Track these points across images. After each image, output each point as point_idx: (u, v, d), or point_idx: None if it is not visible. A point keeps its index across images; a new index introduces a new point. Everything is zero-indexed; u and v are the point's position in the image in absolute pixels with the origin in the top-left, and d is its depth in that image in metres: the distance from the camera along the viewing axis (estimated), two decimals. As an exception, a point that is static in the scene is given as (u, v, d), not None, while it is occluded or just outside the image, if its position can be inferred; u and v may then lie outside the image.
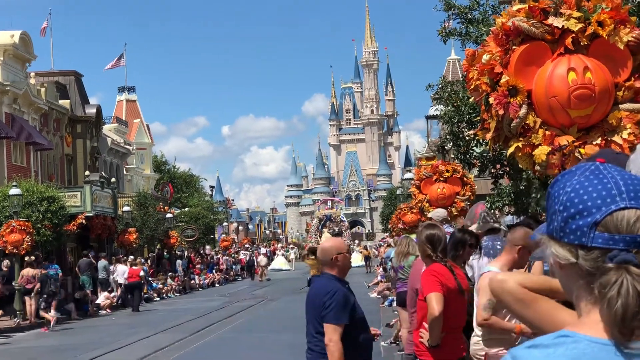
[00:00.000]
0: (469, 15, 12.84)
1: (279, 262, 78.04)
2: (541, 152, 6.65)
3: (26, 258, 33.07)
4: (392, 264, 17.69)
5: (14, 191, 34.48)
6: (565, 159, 6.56)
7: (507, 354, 1.98)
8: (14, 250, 33.25)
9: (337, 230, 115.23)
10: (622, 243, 1.95)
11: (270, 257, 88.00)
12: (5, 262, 33.68)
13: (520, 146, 6.74)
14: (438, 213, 14.04)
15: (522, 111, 6.62)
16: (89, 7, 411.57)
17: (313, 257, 28.36)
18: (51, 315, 31.22)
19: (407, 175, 42.05)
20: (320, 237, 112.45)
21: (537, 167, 6.72)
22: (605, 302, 1.93)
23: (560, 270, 2.06)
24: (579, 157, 6.46)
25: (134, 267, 40.25)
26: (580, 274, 2.00)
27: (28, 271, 32.41)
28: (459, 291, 7.97)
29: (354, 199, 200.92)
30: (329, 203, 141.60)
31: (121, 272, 40.76)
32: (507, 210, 13.31)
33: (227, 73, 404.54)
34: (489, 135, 6.90)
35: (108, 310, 37.60)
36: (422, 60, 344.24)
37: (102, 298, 38.31)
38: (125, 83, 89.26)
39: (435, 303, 7.66)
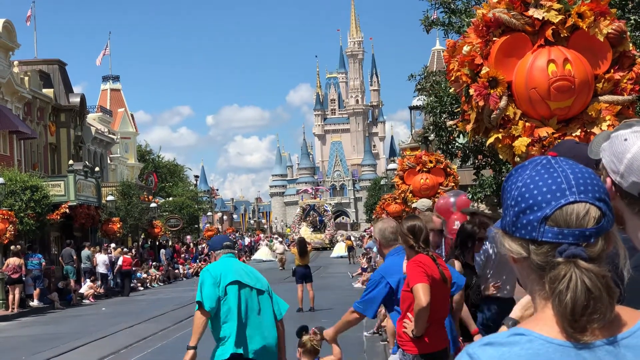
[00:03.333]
0: (452, 5, 12.87)
1: (263, 253, 77.84)
2: (521, 143, 6.68)
3: (12, 247, 33.00)
4: (375, 252, 17.74)
5: (-4, 180, 34.39)
6: (545, 150, 6.58)
7: (463, 351, 1.99)
8: (-3, 240, 33.17)
9: (319, 220, 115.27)
10: (571, 237, 1.96)
11: (254, 247, 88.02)
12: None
13: (500, 137, 6.77)
14: (423, 203, 14.04)
15: (502, 102, 6.65)
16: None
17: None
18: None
19: (391, 166, 42.08)
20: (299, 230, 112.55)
21: (517, 159, 6.75)
22: (555, 297, 1.94)
23: (515, 264, 2.08)
24: (559, 148, 6.48)
25: (126, 256, 42.16)
26: (532, 268, 2.01)
27: (14, 260, 32.34)
28: (442, 281, 7.98)
29: (338, 189, 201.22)
30: (311, 192, 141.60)
31: (102, 261, 40.96)
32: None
33: (211, 62, 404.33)
34: (469, 127, 6.93)
35: (91, 300, 37.55)
36: (408, 51, 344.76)
37: (86, 287, 38.26)
38: (110, 72, 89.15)
39: (422, 294, 7.65)
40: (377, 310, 8.20)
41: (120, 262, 42.11)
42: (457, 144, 14.18)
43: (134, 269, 44.57)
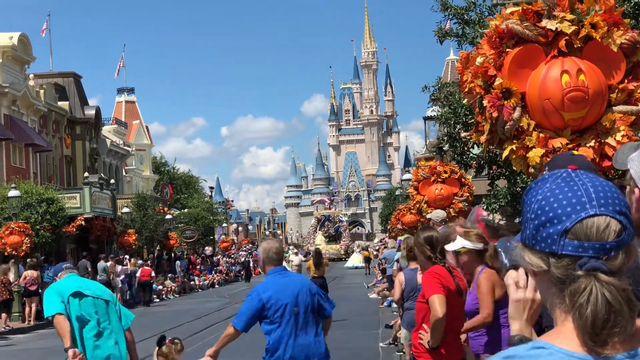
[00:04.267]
0: (465, 16, 12.86)
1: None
2: (535, 154, 6.66)
3: (28, 260, 33.12)
4: (399, 264, 17.73)
5: (12, 193, 34.49)
6: (559, 161, 6.57)
7: None
8: (13, 252, 33.26)
9: (334, 230, 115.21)
10: (591, 250, 1.96)
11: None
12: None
13: (515, 148, 6.75)
14: (437, 214, 14.05)
15: (516, 114, 6.64)
16: (87, 8, 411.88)
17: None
18: None
19: (406, 176, 42.03)
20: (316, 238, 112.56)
21: (531, 170, 6.73)
22: (576, 310, 1.94)
23: (535, 277, 2.08)
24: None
25: (145, 267, 43.18)
26: (552, 281, 2.01)
27: (31, 273, 32.46)
28: (457, 293, 7.99)
29: (353, 199, 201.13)
30: (326, 203, 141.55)
31: (121, 273, 41.40)
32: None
33: (225, 73, 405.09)
34: (483, 138, 6.92)
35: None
36: (422, 61, 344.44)
37: (102, 299, 38.34)
38: (125, 84, 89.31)
39: (438, 305, 7.67)
40: (248, 323, 8.43)
41: (139, 273, 42.80)
42: (471, 154, 14.17)
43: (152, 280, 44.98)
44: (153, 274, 44.14)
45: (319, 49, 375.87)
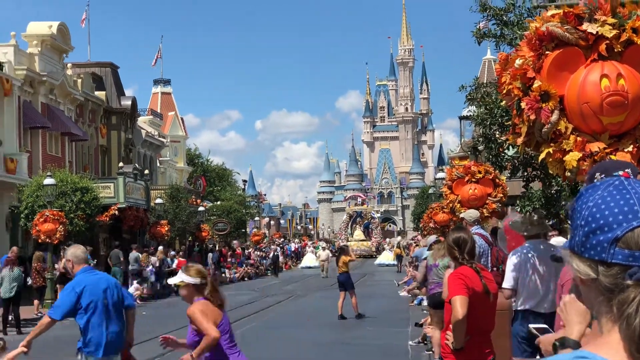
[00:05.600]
0: (504, 17, 12.79)
1: (309, 259, 77.65)
2: (572, 158, 6.63)
3: (65, 248, 33.40)
4: (426, 262, 17.71)
5: (48, 181, 34.74)
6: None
7: None
8: (47, 240, 33.51)
9: (365, 226, 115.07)
10: None
11: (301, 252, 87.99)
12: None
13: (551, 152, 6.72)
14: (470, 214, 13.96)
15: (554, 117, 6.60)
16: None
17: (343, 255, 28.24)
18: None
19: (440, 175, 41.93)
20: (352, 234, 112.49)
21: (568, 173, 6.69)
22: (623, 320, 1.91)
23: (582, 285, 2.05)
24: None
25: (180, 258, 44.23)
26: (600, 289, 1.98)
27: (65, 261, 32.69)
28: (485, 294, 7.96)
29: (386, 196, 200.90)
30: (359, 199, 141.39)
31: (152, 263, 41.72)
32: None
33: (261, 67, 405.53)
34: (520, 140, 6.89)
35: (138, 302, 37.79)
36: (458, 59, 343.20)
37: (133, 289, 38.53)
38: (161, 75, 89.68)
39: (459, 306, 7.67)
40: (64, 314, 9.67)
41: (174, 264, 43.41)
42: (506, 156, 14.07)
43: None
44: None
45: (356, 45, 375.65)
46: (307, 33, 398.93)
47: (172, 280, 8.90)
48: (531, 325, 4.75)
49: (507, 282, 9.94)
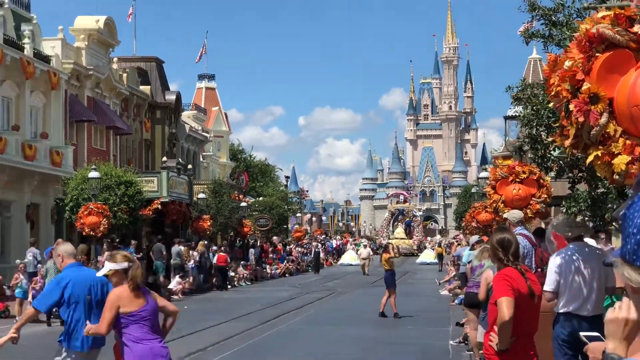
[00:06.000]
0: (552, 17, 12.69)
1: (349, 257, 77.55)
2: (620, 161, 6.56)
3: (105, 240, 33.80)
4: (470, 263, 17.65)
5: (93, 174, 35.03)
6: (645, 169, 6.46)
7: None
8: (91, 233, 33.80)
9: (406, 224, 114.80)
10: None
11: (342, 249, 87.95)
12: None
13: (600, 154, 6.66)
14: (514, 214, 13.88)
15: (603, 119, 6.54)
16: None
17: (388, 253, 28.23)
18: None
19: (483, 174, 41.74)
20: (393, 231, 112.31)
21: (616, 177, 6.63)
22: None
23: (634, 294, 2.02)
24: (659, 168, 6.36)
25: (221, 253, 44.49)
26: None
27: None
28: (530, 296, 7.92)
29: (428, 194, 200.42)
30: (401, 197, 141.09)
31: (194, 257, 42.05)
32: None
33: (305, 63, 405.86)
34: (567, 142, 6.83)
35: (180, 296, 38.02)
36: (503, 58, 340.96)
37: (175, 283, 38.75)
38: (205, 71, 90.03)
39: (505, 307, 7.64)
40: (49, 306, 10.03)
41: (215, 259, 43.99)
42: (552, 157, 13.95)
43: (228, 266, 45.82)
44: (229, 260, 44.87)
45: (400, 43, 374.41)
46: (352, 30, 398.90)
47: (100, 272, 9.28)
48: (582, 333, 4.70)
49: (549, 285, 9.84)
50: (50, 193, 42.01)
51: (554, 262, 10.05)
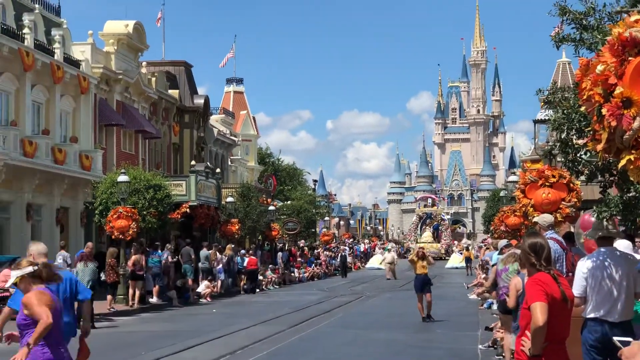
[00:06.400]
0: (583, 21, 12.63)
1: (376, 260, 77.43)
2: (654, 166, 6.53)
3: (133, 244, 33.97)
4: (496, 267, 17.61)
5: (122, 178, 35.21)
6: (678, 173, 6.42)
7: None
8: (120, 236, 33.97)
9: (434, 228, 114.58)
10: None
11: (370, 253, 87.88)
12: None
13: (632, 159, 6.62)
14: (545, 218, 13.82)
15: (636, 124, 6.50)
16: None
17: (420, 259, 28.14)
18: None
19: (512, 178, 41.62)
20: (421, 235, 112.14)
21: (648, 181, 6.60)
22: None
23: None
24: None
25: (252, 257, 45.22)
26: None
27: (138, 257, 33.24)
28: (563, 301, 7.89)
29: (456, 198, 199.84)
30: (429, 200, 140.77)
31: (222, 261, 42.28)
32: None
33: (333, 67, 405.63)
34: (600, 147, 6.80)
35: (208, 299, 38.13)
36: (531, 61, 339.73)
37: (203, 287, 38.87)
38: (234, 75, 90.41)
39: (539, 313, 7.61)
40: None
41: (245, 262, 44.61)
42: (583, 160, 13.87)
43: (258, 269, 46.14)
44: (259, 264, 45.47)
45: (428, 47, 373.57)
46: (380, 33, 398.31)
47: (8, 284, 9.29)
48: (615, 338, 4.70)
49: (576, 290, 9.70)
50: (80, 197, 42.28)
51: (582, 266, 9.99)
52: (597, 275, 9.79)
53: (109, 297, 31.22)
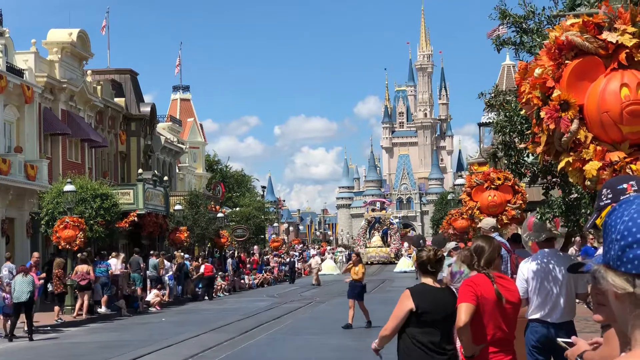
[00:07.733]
0: (523, 24, 12.77)
1: (328, 267, 77.08)
2: (592, 167, 6.63)
3: (78, 254, 33.58)
4: (450, 269, 17.69)
5: (68, 187, 34.89)
6: (616, 174, 6.52)
7: None
8: (67, 246, 33.66)
9: (383, 232, 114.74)
10: None
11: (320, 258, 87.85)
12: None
13: (571, 161, 6.72)
14: (487, 222, 13.97)
15: (574, 126, 6.60)
16: (144, 5, 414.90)
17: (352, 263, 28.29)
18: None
19: (459, 181, 41.94)
20: (370, 240, 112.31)
21: (588, 182, 6.69)
22: None
23: (616, 300, 2.04)
24: (630, 173, 6.42)
25: (207, 263, 45.75)
26: (636, 303, 1.98)
27: (82, 267, 32.90)
28: (498, 300, 7.94)
29: (405, 202, 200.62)
30: (378, 204, 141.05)
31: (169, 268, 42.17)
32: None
33: (279, 72, 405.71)
34: (539, 149, 6.89)
35: (157, 308, 37.92)
36: (477, 64, 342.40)
37: (152, 295, 38.65)
38: (180, 82, 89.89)
39: (462, 314, 7.76)
40: None
41: (202, 269, 44.97)
42: (525, 163, 14.03)
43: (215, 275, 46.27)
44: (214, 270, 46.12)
45: (375, 51, 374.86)
46: (326, 38, 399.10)
47: None
48: (559, 340, 4.75)
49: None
50: (26, 207, 41.81)
51: (523, 268, 10.11)
52: (538, 276, 9.91)
53: (56, 308, 30.90)
